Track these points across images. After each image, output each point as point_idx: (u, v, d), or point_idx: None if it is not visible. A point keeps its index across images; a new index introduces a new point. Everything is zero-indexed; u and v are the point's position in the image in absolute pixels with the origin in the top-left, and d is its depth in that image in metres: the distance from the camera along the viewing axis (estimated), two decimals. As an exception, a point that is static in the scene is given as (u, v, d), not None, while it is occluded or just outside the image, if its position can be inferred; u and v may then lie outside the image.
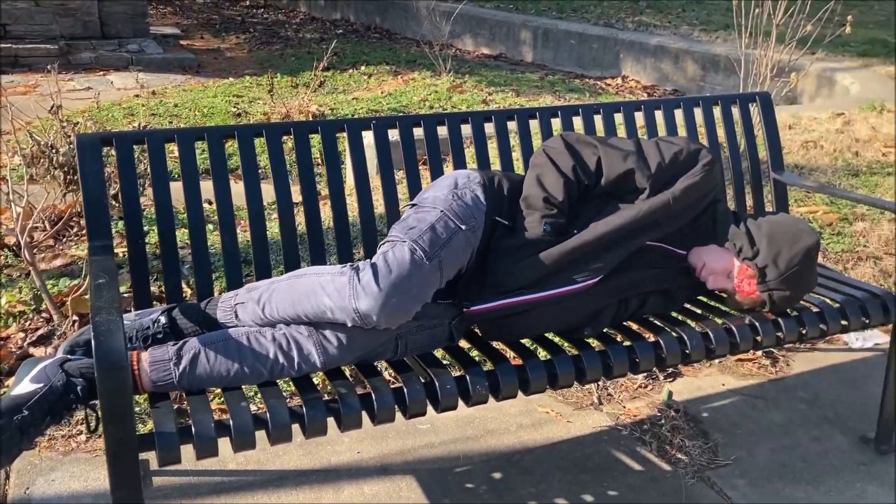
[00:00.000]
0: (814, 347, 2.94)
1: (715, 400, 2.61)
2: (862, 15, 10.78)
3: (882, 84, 6.34)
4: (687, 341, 1.99)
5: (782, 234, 2.06)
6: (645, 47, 8.50)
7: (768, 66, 3.85)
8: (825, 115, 5.10)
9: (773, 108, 2.73)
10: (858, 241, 3.50)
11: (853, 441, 2.41)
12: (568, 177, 2.00)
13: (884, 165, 4.23)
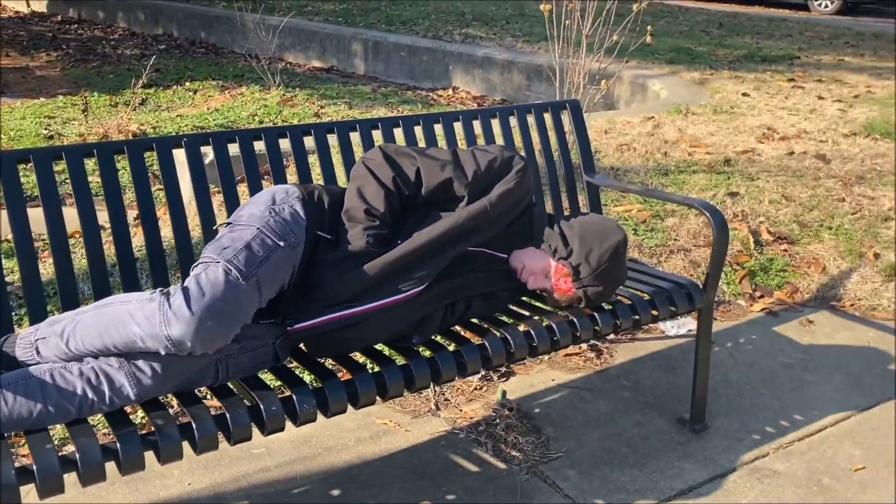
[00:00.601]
0: (634, 338, 3.12)
1: (546, 395, 2.71)
2: (668, 25, 11.63)
3: (687, 89, 6.85)
4: (511, 341, 2.05)
5: (592, 234, 2.17)
6: (473, 59, 8.74)
7: (581, 74, 4.07)
8: (637, 120, 5.44)
9: (583, 115, 2.88)
10: (670, 235, 3.75)
11: (671, 423, 2.57)
12: (389, 188, 2.02)
13: (689, 164, 4.57)
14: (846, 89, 7.22)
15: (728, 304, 3.40)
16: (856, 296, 3.46)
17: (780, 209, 4.07)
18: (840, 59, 9.19)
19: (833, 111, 6.13)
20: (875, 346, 3.10)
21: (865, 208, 4.15)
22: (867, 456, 2.43)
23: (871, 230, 3.93)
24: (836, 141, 5.21)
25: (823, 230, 3.91)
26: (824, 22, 14.85)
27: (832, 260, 3.69)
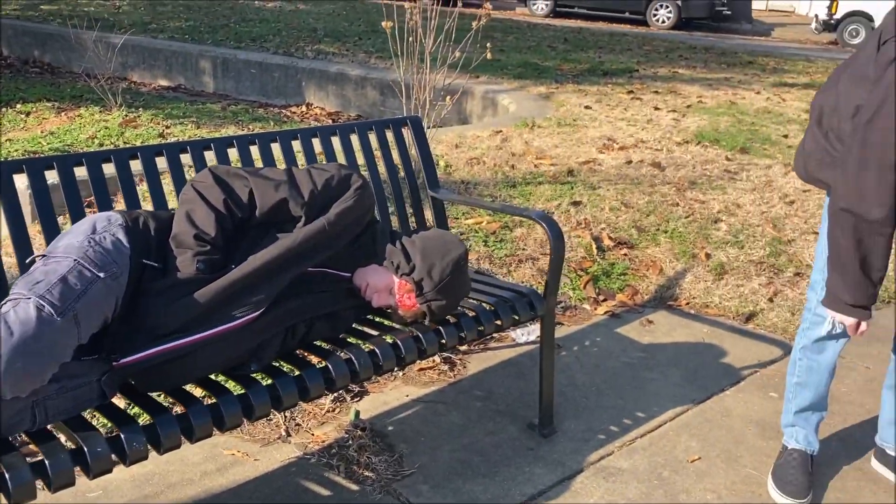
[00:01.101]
0: (487, 347, 3.17)
1: (400, 412, 2.70)
2: (517, 41, 12.01)
3: (534, 103, 7.08)
4: (355, 361, 2.03)
5: (434, 249, 2.19)
6: (326, 75, 8.69)
7: (427, 90, 4.12)
8: (486, 134, 5.57)
9: (424, 131, 2.91)
10: (518, 245, 3.85)
11: (522, 429, 2.63)
12: (220, 211, 1.96)
13: (535, 176, 4.72)
14: (680, 100, 7.69)
15: (574, 308, 3.52)
16: (690, 294, 3.67)
17: (620, 216, 4.27)
18: (675, 72, 9.79)
19: (668, 121, 6.51)
20: (708, 341, 3.30)
21: (697, 212, 4.43)
22: (702, 447, 2.57)
23: (702, 232, 4.18)
24: (670, 149, 5.53)
25: (660, 234, 4.13)
26: (661, 36, 15.78)
27: (668, 262, 3.90)
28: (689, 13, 19.96)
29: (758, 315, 3.49)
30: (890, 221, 1.90)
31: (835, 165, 2.04)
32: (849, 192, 1.92)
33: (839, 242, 1.98)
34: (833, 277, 2.06)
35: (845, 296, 2.04)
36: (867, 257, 1.96)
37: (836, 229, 1.98)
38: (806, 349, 2.33)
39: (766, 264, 3.90)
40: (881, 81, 1.82)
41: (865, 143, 1.86)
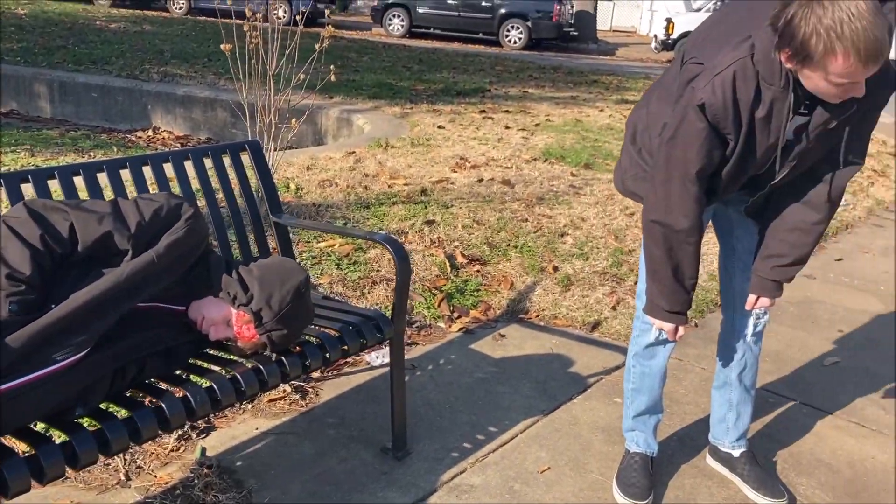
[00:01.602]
0: (340, 372, 3.14)
1: (249, 446, 2.62)
2: (372, 61, 12.07)
3: (389, 123, 7.13)
4: (192, 399, 1.95)
5: (272, 277, 2.14)
6: (173, 97, 8.40)
7: (271, 113, 4.05)
8: (339, 155, 5.55)
9: (264, 155, 2.85)
10: (372, 266, 3.84)
11: (376, 453, 2.61)
12: (36, 247, 1.83)
13: (389, 196, 4.74)
14: (530, 118, 7.97)
15: (429, 327, 3.55)
16: (540, 307, 3.78)
17: (473, 233, 4.35)
18: (525, 91, 10.13)
19: (518, 139, 6.72)
20: (557, 351, 3.40)
21: (545, 226, 4.58)
22: (551, 456, 2.64)
23: (550, 246, 4.33)
24: (519, 167, 5.70)
25: (511, 249, 4.24)
26: (512, 57, 16.31)
27: (519, 276, 4.01)
28: (538, 34, 20.75)
29: (602, 323, 3.64)
30: (696, 231, 2.03)
31: (647, 179, 2.16)
32: (657, 205, 2.03)
33: (653, 252, 2.10)
34: (650, 286, 2.17)
35: (662, 303, 2.15)
36: (679, 266, 2.09)
37: (649, 240, 2.09)
38: (638, 356, 2.44)
39: (609, 274, 4.08)
40: (681, 100, 1.95)
41: (669, 159, 1.98)
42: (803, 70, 1.76)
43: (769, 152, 1.97)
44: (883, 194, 6.39)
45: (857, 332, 3.76)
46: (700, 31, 2.09)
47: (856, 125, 1.99)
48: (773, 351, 3.50)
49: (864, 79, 1.72)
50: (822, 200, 2.11)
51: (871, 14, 1.63)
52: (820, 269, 4.57)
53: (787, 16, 1.71)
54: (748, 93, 1.86)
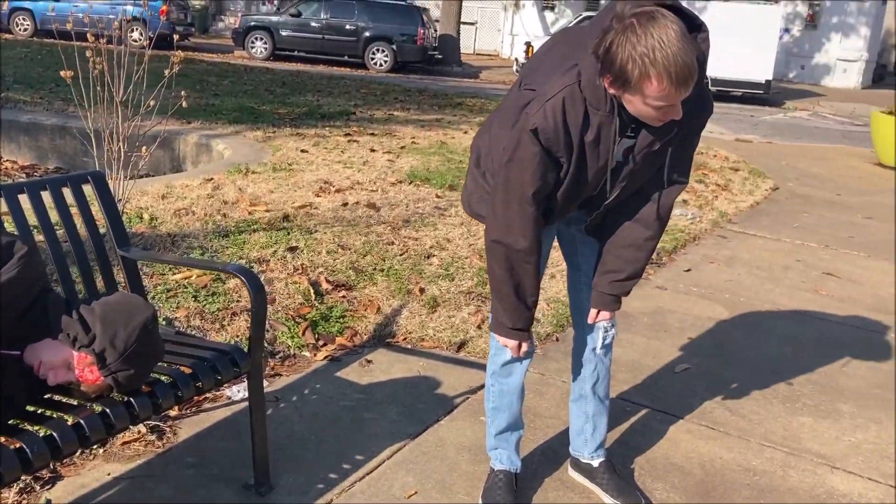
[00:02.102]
0: (200, 409, 3.02)
1: (100, 493, 2.47)
2: (233, 85, 11.81)
3: (250, 148, 6.99)
4: (28, 450, 1.82)
5: (116, 315, 2.04)
6: (17, 125, 7.91)
7: (120, 141, 3.88)
8: (197, 182, 5.38)
9: (108, 185, 2.72)
10: (232, 297, 3.73)
11: (238, 491, 2.52)
12: None
13: (250, 223, 4.63)
14: (395, 141, 8.01)
15: (294, 357, 3.48)
16: (407, 330, 3.79)
17: (338, 258, 4.31)
18: (391, 114, 10.20)
19: (383, 162, 6.75)
20: (424, 373, 3.42)
21: (411, 248, 4.60)
22: (419, 481, 2.64)
23: (416, 268, 4.35)
24: (384, 190, 5.72)
25: (377, 273, 4.23)
26: (378, 79, 16.40)
27: (385, 300, 4.00)
28: (404, 57, 20.97)
29: (468, 343, 3.69)
30: (535, 250, 2.12)
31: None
32: (498, 226, 2.10)
33: (495, 272, 2.16)
34: (495, 304, 2.23)
35: (506, 320, 2.22)
36: (520, 284, 2.16)
37: (492, 260, 2.16)
38: (496, 374, 2.49)
39: (474, 294, 4.14)
40: (517, 125, 2.02)
41: (507, 181, 2.05)
42: (624, 95, 1.87)
43: (600, 174, 2.08)
44: (726, 207, 6.83)
45: (705, 339, 3.99)
46: (534, 58, 2.19)
47: (678, 147, 2.12)
48: (629, 360, 3.65)
49: (678, 102, 1.84)
50: (652, 218, 2.24)
51: (680, 41, 1.76)
52: (671, 280, 4.82)
53: (606, 44, 1.82)
54: (577, 118, 1.95)
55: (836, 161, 10.49)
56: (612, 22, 1.84)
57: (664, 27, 1.76)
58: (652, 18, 1.77)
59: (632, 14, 1.80)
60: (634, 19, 1.79)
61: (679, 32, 1.77)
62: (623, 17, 1.81)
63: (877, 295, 4.89)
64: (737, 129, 13.92)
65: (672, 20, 1.78)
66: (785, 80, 28.22)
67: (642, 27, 1.77)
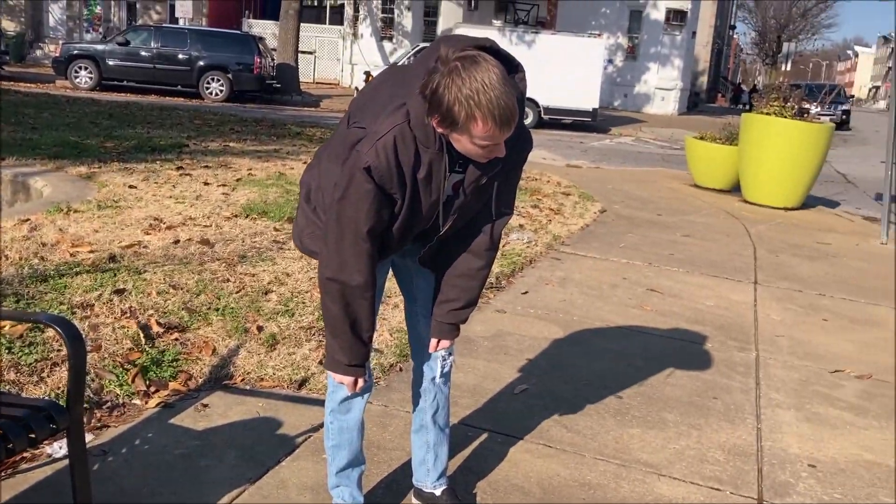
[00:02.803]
0: (16, 470, 2.78)
1: None
2: (54, 118, 11.12)
3: (73, 185, 6.59)
4: None
5: None
6: None
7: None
8: (11, 224, 5.01)
9: None
10: (52, 346, 3.48)
11: (60, 558, 2.34)
12: None
13: (72, 266, 4.35)
14: (231, 173, 7.81)
15: (123, 406, 3.28)
16: (245, 370, 3.67)
17: (169, 299, 4.13)
18: (226, 145, 9.94)
19: (218, 195, 6.55)
20: (264, 414, 3.32)
21: (248, 285, 4.48)
22: (259, 526, 2.56)
23: (253, 305, 4.24)
24: (219, 225, 5.55)
25: (211, 313, 4.09)
26: (214, 109, 15.97)
27: (222, 340, 3.87)
28: (240, 86, 20.57)
29: (310, 380, 3.63)
30: (370, 286, 2.13)
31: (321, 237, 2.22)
32: (332, 262, 2.10)
33: (330, 309, 2.15)
34: (330, 342, 2.22)
35: (343, 357, 2.21)
36: (356, 320, 2.16)
37: (326, 298, 2.15)
38: (335, 412, 2.46)
39: (315, 328, 4.09)
40: (348, 162, 2.03)
41: (340, 218, 2.06)
42: (452, 134, 1.94)
43: (433, 208, 2.13)
44: (559, 230, 7.15)
45: (542, 359, 4.14)
46: (362, 95, 2.21)
47: (503, 181, 2.22)
48: (471, 385, 3.72)
49: (502, 141, 1.93)
50: (483, 248, 2.33)
51: (502, 84, 1.85)
52: (509, 303, 4.98)
53: (433, 86, 1.88)
54: (409, 156, 2.00)
55: (657, 183, 11.26)
56: (437, 64, 1.90)
57: (487, 70, 1.85)
58: (475, 62, 1.85)
59: (455, 58, 1.87)
60: (458, 63, 1.86)
61: (500, 75, 1.86)
62: (447, 60, 1.88)
63: (695, 308, 5.27)
64: (568, 155, 14.65)
65: (494, 63, 1.88)
66: (610, 108, 30.05)
67: (466, 71, 1.84)
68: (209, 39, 20.59)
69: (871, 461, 3.36)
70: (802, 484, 3.11)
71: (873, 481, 3.19)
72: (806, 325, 5.13)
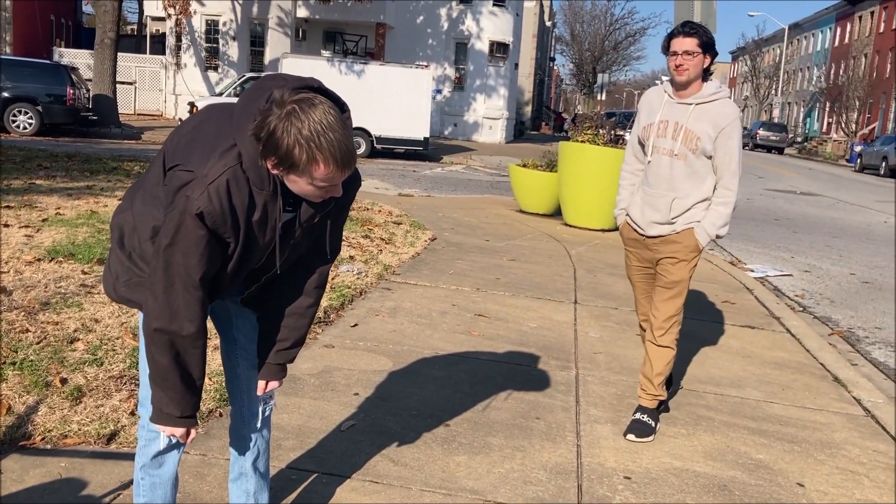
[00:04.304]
0: None
1: None
2: None
3: None
4: None
5: None
6: None
7: None
8: None
9: None
10: None
11: None
12: None
13: None
14: (36, 213, 7.26)
15: None
16: (46, 428, 3.38)
17: (-44, 355, 3.74)
18: (32, 183, 9.25)
19: (19, 238, 6.05)
20: (67, 475, 3.06)
21: (51, 334, 4.15)
22: None
23: (57, 356, 3.93)
24: (19, 270, 5.12)
25: (7, 368, 3.74)
26: (21, 144, 14.86)
27: (19, 397, 3.54)
28: (52, 119, 19.32)
29: (120, 433, 3.39)
30: (202, 334, 2.05)
31: (143, 286, 2.09)
32: (161, 313, 1.99)
33: (159, 361, 2.03)
34: (158, 394, 2.09)
35: (173, 410, 2.09)
36: (187, 369, 2.06)
37: (154, 349, 2.03)
38: (146, 467, 2.31)
39: (127, 377, 3.84)
40: (174, 207, 1.93)
41: (168, 266, 1.96)
42: (289, 175, 1.90)
43: (266, 248, 2.10)
44: (390, 260, 7.17)
45: (370, 392, 4.10)
46: (180, 135, 2.09)
47: (334, 219, 2.22)
48: (295, 426, 3.62)
49: (340, 182, 1.92)
50: (312, 287, 2.32)
51: (340, 126, 1.86)
52: (338, 337, 4.91)
53: (268, 128, 1.83)
54: (242, 198, 1.95)
55: (486, 210, 11.60)
56: (271, 105, 1.84)
57: (325, 113, 1.84)
58: (312, 105, 1.84)
59: (292, 100, 1.83)
60: (296, 105, 1.83)
61: (337, 117, 1.86)
62: (283, 102, 1.84)
63: (520, 330, 5.43)
64: (400, 184, 14.81)
65: (330, 105, 1.87)
66: (442, 137, 30.78)
67: (305, 113, 1.82)
68: (14, 69, 19.17)
69: (679, 468, 3.57)
70: (619, 496, 3.26)
71: (682, 487, 3.39)
72: (622, 341, 5.41)
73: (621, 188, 4.05)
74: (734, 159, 3.67)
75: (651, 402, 3.90)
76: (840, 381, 4.98)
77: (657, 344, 3.89)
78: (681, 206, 3.75)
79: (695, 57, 3.58)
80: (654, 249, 3.88)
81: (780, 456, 3.78)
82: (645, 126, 3.86)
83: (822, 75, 57.37)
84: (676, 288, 3.83)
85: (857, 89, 47.11)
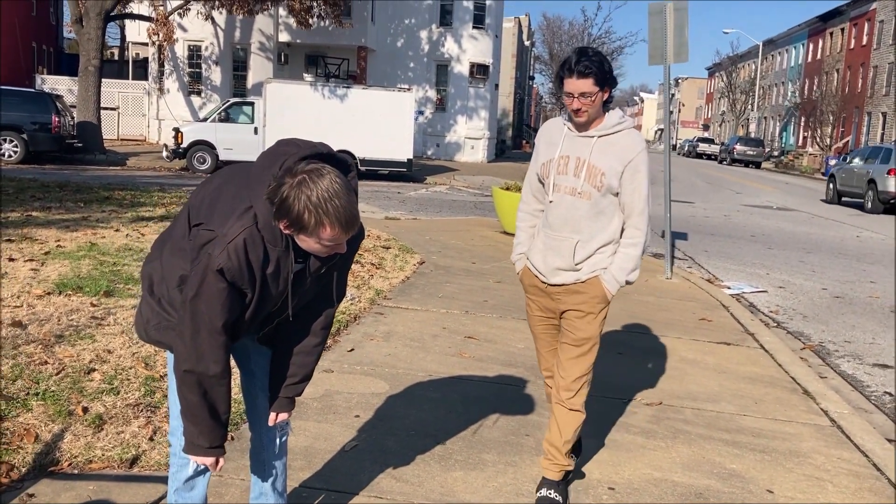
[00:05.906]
0: None
1: None
2: None
3: None
4: None
5: None
6: None
7: None
8: None
9: None
10: None
11: None
12: None
13: None
14: (37, 246, 7.48)
15: (-61, 507, 3.16)
16: (72, 454, 3.63)
17: (-18, 388, 3.98)
18: (29, 215, 9.45)
19: (26, 272, 6.29)
20: (96, 497, 3.31)
21: (69, 366, 4.40)
22: None
23: (76, 386, 4.18)
24: (31, 304, 5.36)
25: (31, 398, 3.99)
26: (10, 174, 15.00)
27: (44, 426, 3.79)
28: (37, 147, 19.48)
29: (141, 457, 3.65)
30: (227, 373, 2.35)
31: (172, 329, 2.39)
32: (189, 356, 2.28)
33: (189, 399, 2.32)
34: (188, 428, 2.38)
35: (203, 441, 2.38)
36: (214, 405, 2.35)
37: (183, 387, 2.32)
38: (179, 491, 2.59)
39: (142, 405, 4.09)
40: (199, 263, 2.23)
41: (195, 315, 2.25)
42: (299, 235, 2.21)
43: (279, 296, 2.41)
44: (381, 284, 7.45)
45: (370, 414, 4.38)
46: (203, 194, 2.39)
47: (340, 268, 2.55)
48: (304, 447, 3.89)
49: (345, 240, 2.23)
50: (319, 328, 2.64)
51: (345, 191, 2.17)
52: (336, 362, 5.18)
53: (281, 195, 2.14)
54: (258, 255, 2.26)
55: (471, 232, 11.93)
56: (285, 174, 2.14)
57: (332, 182, 2.14)
58: (321, 175, 2.14)
59: (303, 171, 2.14)
60: (306, 175, 2.14)
61: (342, 184, 2.17)
62: (296, 172, 2.14)
63: (508, 351, 5.73)
64: (386, 207, 15.11)
65: (336, 174, 2.17)
66: (425, 158, 31.15)
67: (314, 182, 2.12)
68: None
69: (658, 478, 3.88)
70: (603, 505, 3.55)
71: (661, 496, 3.70)
72: (604, 359, 5.72)
73: (519, 230, 3.73)
74: (643, 196, 3.33)
75: (558, 475, 3.51)
76: (809, 393, 5.31)
77: (566, 408, 3.48)
78: (585, 250, 3.39)
79: (594, 97, 3.21)
80: (558, 300, 3.49)
81: (752, 465, 4.10)
82: (544, 162, 3.47)
83: (796, 90, 58.50)
84: (585, 346, 3.47)
85: (830, 104, 48.15)
